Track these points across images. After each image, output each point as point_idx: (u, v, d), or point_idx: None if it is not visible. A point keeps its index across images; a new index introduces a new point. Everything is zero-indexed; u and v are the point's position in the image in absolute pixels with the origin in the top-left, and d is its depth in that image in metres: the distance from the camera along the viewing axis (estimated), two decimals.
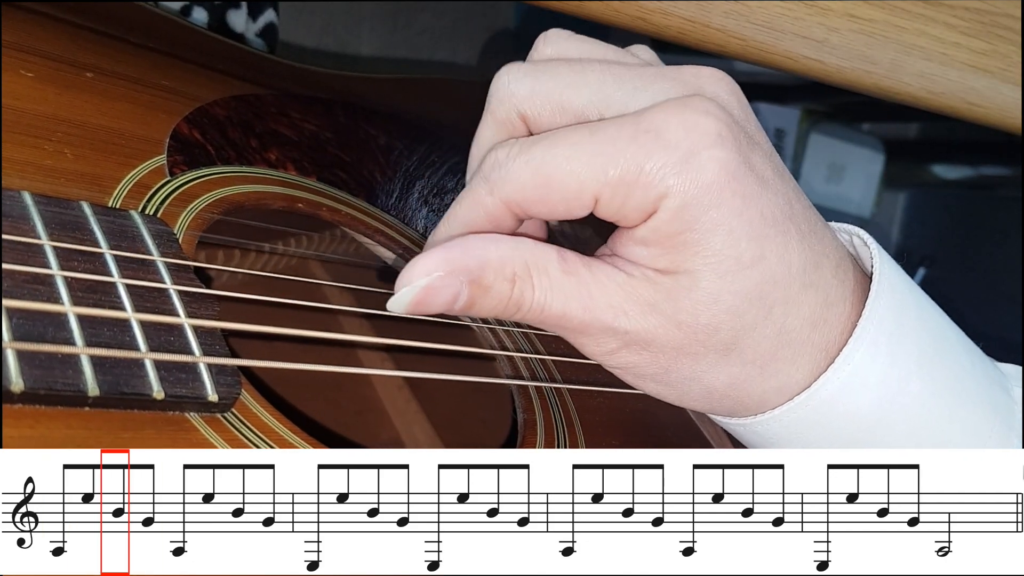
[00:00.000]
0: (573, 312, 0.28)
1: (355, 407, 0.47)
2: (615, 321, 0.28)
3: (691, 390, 0.30)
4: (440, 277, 0.27)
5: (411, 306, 0.28)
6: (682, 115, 0.27)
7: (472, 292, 0.28)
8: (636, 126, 0.27)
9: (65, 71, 0.35)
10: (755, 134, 0.29)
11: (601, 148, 0.27)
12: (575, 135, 0.28)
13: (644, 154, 0.27)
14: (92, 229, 0.29)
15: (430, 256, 0.27)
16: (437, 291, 0.27)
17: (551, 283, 0.28)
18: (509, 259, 0.28)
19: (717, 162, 0.27)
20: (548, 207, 0.28)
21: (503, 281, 0.28)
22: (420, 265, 0.27)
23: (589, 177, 0.27)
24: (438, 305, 0.28)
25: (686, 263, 0.28)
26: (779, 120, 0.97)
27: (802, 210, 0.30)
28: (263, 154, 0.40)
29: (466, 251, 0.28)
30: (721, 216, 0.27)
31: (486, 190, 0.29)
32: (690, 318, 0.28)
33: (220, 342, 0.29)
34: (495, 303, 0.28)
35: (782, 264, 0.28)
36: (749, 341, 0.29)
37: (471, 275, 0.27)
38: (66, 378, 0.25)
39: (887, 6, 0.46)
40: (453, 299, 0.28)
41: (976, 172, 1.03)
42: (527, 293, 0.28)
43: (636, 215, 0.28)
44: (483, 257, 0.28)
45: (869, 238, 0.32)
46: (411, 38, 0.86)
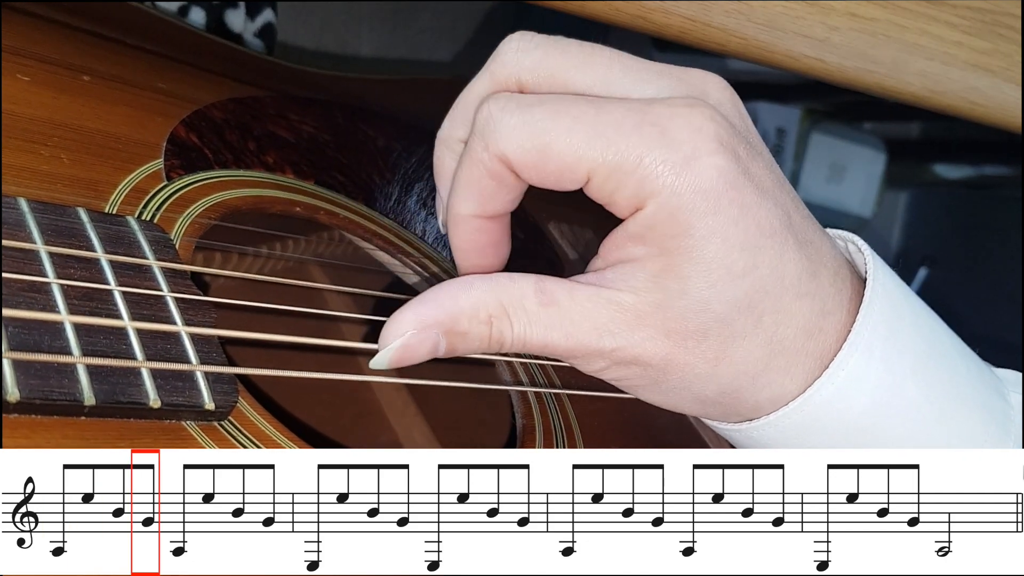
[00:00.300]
0: (556, 341, 0.29)
1: (354, 411, 0.47)
2: (600, 342, 0.28)
3: (683, 397, 0.30)
4: (414, 335, 0.28)
5: (392, 364, 0.29)
6: (689, 116, 0.27)
7: (450, 340, 0.28)
8: (643, 115, 0.27)
9: (61, 74, 0.35)
10: (756, 144, 0.29)
11: (604, 130, 0.27)
12: (580, 108, 0.28)
13: (646, 146, 0.27)
14: (88, 235, 0.29)
15: (403, 314, 0.28)
16: (414, 348, 0.28)
17: (528, 318, 0.29)
18: (482, 303, 0.28)
19: (717, 169, 0.27)
20: (540, 174, 0.28)
21: (479, 324, 0.28)
22: (394, 327, 0.28)
23: (587, 155, 0.27)
24: (419, 358, 0.28)
25: (678, 268, 0.28)
26: (780, 120, 0.97)
27: (800, 220, 0.29)
28: (261, 157, 0.40)
29: (438, 304, 0.28)
30: (717, 224, 0.27)
31: (482, 146, 0.28)
32: (679, 325, 0.28)
33: (217, 350, 0.29)
34: (476, 344, 0.29)
35: (775, 275, 0.28)
36: (739, 350, 0.29)
37: (444, 327, 0.28)
38: (62, 387, 0.25)
39: (889, 5, 0.46)
40: (432, 350, 0.28)
41: (978, 172, 1.03)
42: (506, 331, 0.29)
43: (626, 204, 0.28)
44: (454, 307, 0.28)
45: (863, 244, 0.32)
46: (411, 38, 0.86)
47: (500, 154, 0.28)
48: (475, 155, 0.29)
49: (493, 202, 0.30)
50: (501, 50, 0.30)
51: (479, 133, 0.29)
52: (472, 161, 0.29)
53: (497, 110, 0.28)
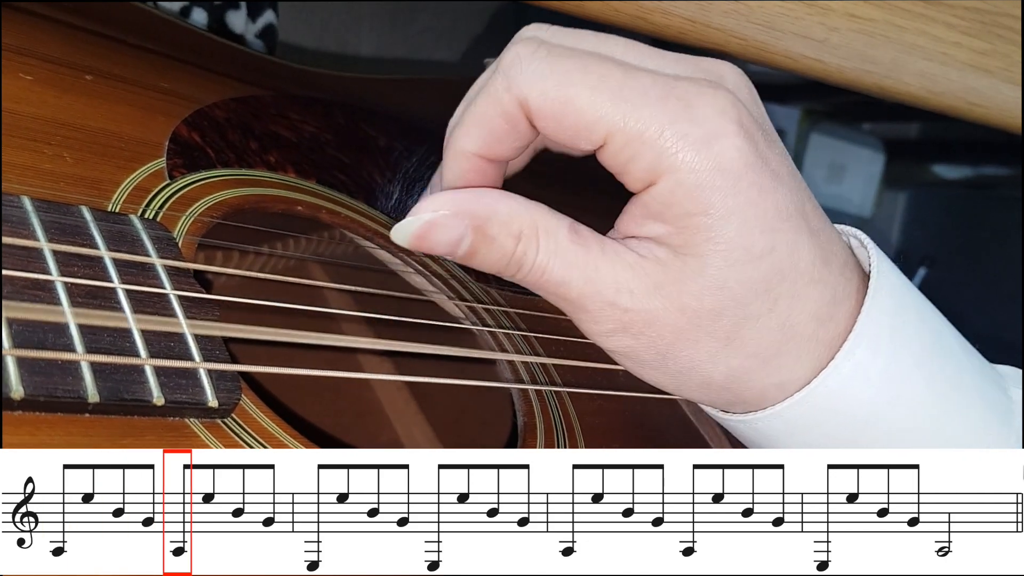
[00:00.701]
0: (574, 281, 0.28)
1: (355, 409, 0.47)
2: (617, 297, 0.28)
3: (689, 379, 0.30)
4: (446, 215, 0.27)
5: (413, 238, 0.28)
6: (714, 95, 0.27)
7: (475, 239, 0.28)
8: (670, 88, 0.27)
9: (64, 74, 0.35)
10: (770, 133, 0.30)
11: (631, 95, 0.27)
12: (609, 68, 0.27)
13: (669, 118, 0.27)
14: (92, 234, 0.29)
15: (441, 195, 0.28)
16: (440, 228, 0.27)
17: (557, 248, 0.28)
18: (518, 215, 0.28)
19: (737, 151, 0.27)
20: (557, 126, 0.28)
21: (507, 236, 0.28)
22: (429, 201, 0.27)
23: (609, 117, 0.27)
24: (440, 243, 0.28)
25: (697, 246, 0.28)
26: (779, 120, 0.97)
27: (813, 209, 0.30)
28: (263, 156, 0.40)
29: (477, 198, 0.28)
30: (737, 204, 0.27)
31: (504, 85, 0.28)
32: (694, 302, 0.28)
33: (220, 347, 0.29)
34: (497, 257, 0.28)
35: (791, 258, 0.28)
36: (751, 332, 0.29)
37: (476, 220, 0.28)
38: (66, 385, 0.25)
39: (887, 6, 0.46)
40: (456, 241, 0.28)
41: (976, 172, 1.03)
42: (530, 253, 0.28)
43: (639, 175, 0.28)
44: (492, 206, 0.28)
45: (867, 239, 0.32)
46: (411, 38, 0.86)
47: (521, 96, 0.28)
48: (494, 92, 0.28)
49: (499, 145, 0.29)
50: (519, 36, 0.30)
51: (503, 72, 0.28)
52: (489, 98, 0.29)
53: (527, 53, 0.28)
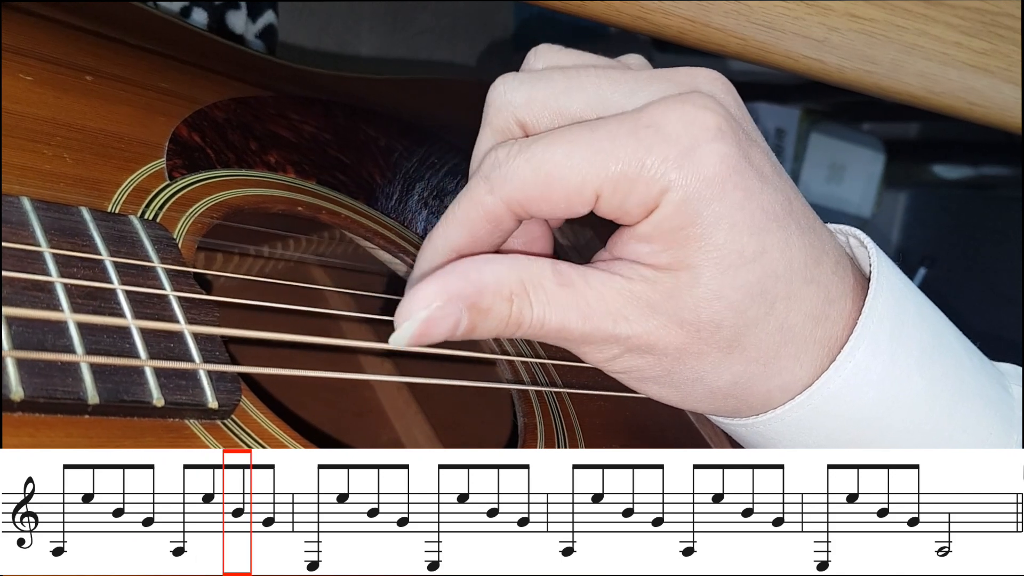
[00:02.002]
0: (572, 324, 0.28)
1: (355, 409, 0.47)
2: (615, 328, 0.28)
3: (695, 391, 0.30)
4: (439, 308, 0.27)
5: (413, 340, 0.27)
6: (681, 109, 0.27)
7: (472, 317, 0.27)
8: (636, 122, 0.27)
9: (64, 74, 0.35)
10: (752, 132, 0.29)
11: (601, 145, 0.27)
12: (574, 132, 0.28)
13: (644, 149, 0.27)
14: (92, 235, 0.29)
15: (427, 286, 0.27)
16: (438, 322, 0.27)
17: (548, 298, 0.28)
18: (505, 279, 0.28)
19: (718, 155, 0.27)
20: (549, 205, 0.28)
21: (501, 301, 0.28)
22: (418, 296, 0.27)
23: (590, 173, 0.27)
24: (440, 334, 0.27)
25: (688, 258, 0.28)
26: (779, 120, 0.97)
27: (801, 207, 0.30)
28: (263, 157, 0.40)
29: (463, 276, 0.27)
30: (723, 209, 0.27)
31: (486, 189, 0.29)
32: (692, 316, 0.28)
33: (220, 348, 0.29)
34: (495, 324, 0.28)
35: (784, 259, 0.28)
36: (752, 338, 0.29)
37: (469, 300, 0.27)
38: (66, 386, 0.25)
39: (888, 6, 0.46)
40: (454, 326, 0.27)
41: (977, 172, 1.03)
42: (525, 311, 0.28)
43: (638, 211, 0.28)
44: (480, 281, 0.27)
45: (866, 238, 0.32)
46: (410, 38, 0.86)
47: (506, 197, 0.28)
48: (477, 197, 0.29)
49: (480, 244, 0.30)
50: (490, 98, 0.30)
51: (484, 177, 0.29)
52: (472, 202, 0.29)
53: (504, 155, 0.28)
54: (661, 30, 0.45)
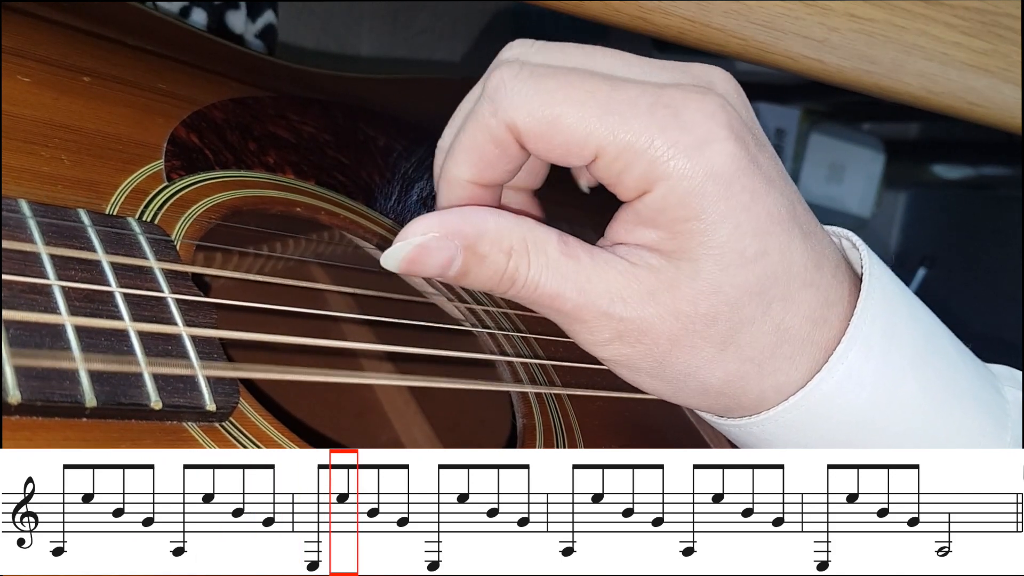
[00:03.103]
0: (568, 293, 0.28)
1: (354, 409, 0.47)
2: (611, 307, 0.28)
3: (687, 386, 0.30)
4: (436, 238, 0.27)
5: (404, 263, 0.28)
6: (701, 101, 0.27)
7: (467, 259, 0.28)
8: (656, 97, 0.27)
9: (62, 75, 0.35)
10: (760, 136, 0.30)
11: (618, 107, 0.27)
12: (594, 82, 0.27)
13: (658, 127, 0.27)
14: (89, 237, 0.29)
15: (428, 217, 0.27)
16: (431, 251, 0.27)
17: (548, 261, 0.28)
18: (507, 232, 0.28)
19: (728, 155, 0.27)
20: (547, 146, 0.28)
21: (499, 253, 0.28)
22: (417, 224, 0.27)
23: (598, 132, 0.27)
24: (431, 266, 0.27)
25: (691, 251, 0.28)
26: (779, 120, 0.97)
27: (804, 212, 0.30)
28: (261, 157, 0.40)
29: (465, 217, 0.28)
30: (729, 209, 0.27)
31: (490, 111, 0.28)
32: (689, 307, 0.28)
33: (218, 351, 0.29)
34: (489, 274, 0.28)
35: (784, 262, 0.28)
36: (747, 336, 0.29)
37: (467, 240, 0.27)
38: (64, 389, 0.25)
39: (887, 6, 0.46)
40: (447, 263, 0.27)
41: (977, 172, 1.03)
42: (522, 268, 0.28)
43: (632, 186, 0.28)
44: (481, 225, 0.28)
45: (859, 240, 0.32)
46: (411, 38, 0.86)
47: (509, 121, 0.28)
48: (482, 119, 0.28)
49: (492, 170, 0.29)
50: (502, 56, 0.30)
51: (489, 97, 0.28)
52: (477, 125, 0.29)
53: (510, 76, 0.28)
54: (661, 30, 0.45)
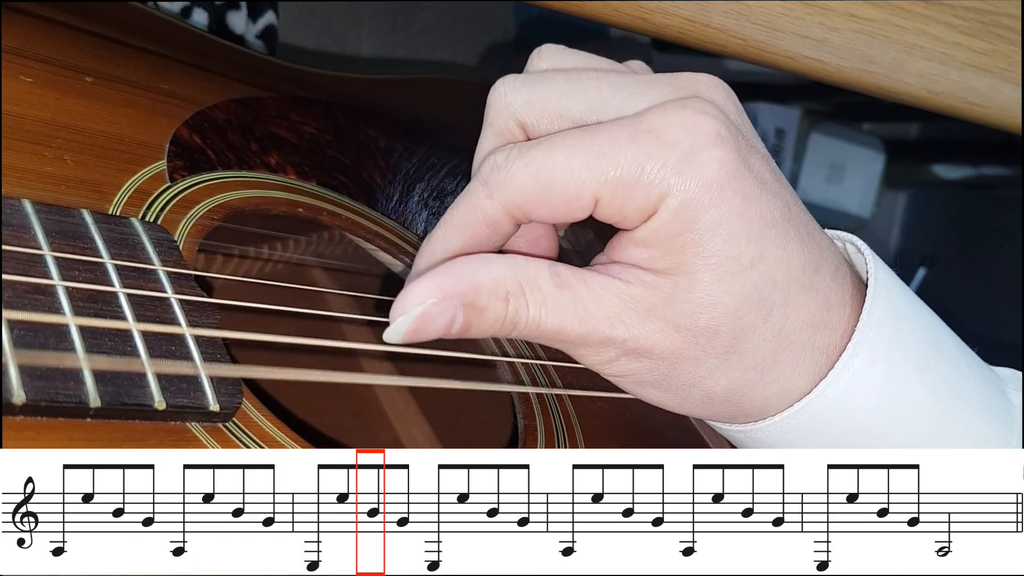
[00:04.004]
0: (569, 325, 0.28)
1: (355, 409, 0.47)
2: (612, 331, 0.28)
3: (691, 396, 0.30)
4: (434, 304, 0.27)
5: (408, 335, 0.28)
6: (681, 115, 0.27)
7: (467, 315, 0.28)
8: (636, 126, 0.27)
9: (65, 76, 0.35)
10: (752, 138, 0.29)
11: (601, 149, 0.27)
12: (574, 137, 0.28)
13: (644, 154, 0.27)
14: (93, 238, 0.29)
15: (422, 283, 0.27)
16: (432, 318, 0.27)
17: (544, 299, 0.28)
18: (502, 278, 0.28)
19: (717, 161, 0.27)
20: (548, 209, 0.28)
21: (497, 301, 0.28)
22: (413, 293, 0.27)
23: (589, 178, 0.27)
24: (435, 331, 0.27)
25: (685, 264, 0.28)
26: (779, 120, 0.97)
27: (800, 213, 0.30)
28: (263, 158, 0.40)
29: (458, 275, 0.28)
30: (721, 215, 0.27)
31: (485, 194, 0.29)
32: (688, 321, 0.28)
33: (221, 351, 0.29)
34: (491, 323, 0.28)
35: (781, 266, 0.28)
36: (749, 344, 0.29)
37: (465, 299, 0.27)
38: (67, 389, 0.25)
39: (887, 6, 0.46)
40: (449, 324, 0.27)
41: (977, 172, 1.03)
42: (522, 311, 0.28)
43: (637, 216, 0.28)
44: (475, 280, 0.28)
45: (863, 244, 0.32)
46: (410, 38, 0.86)
47: (506, 201, 0.28)
48: (476, 201, 0.29)
49: (479, 247, 0.30)
50: (491, 99, 0.30)
51: (483, 181, 0.29)
52: (471, 207, 0.29)
53: (502, 159, 0.28)
54: (661, 30, 0.45)
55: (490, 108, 0.30)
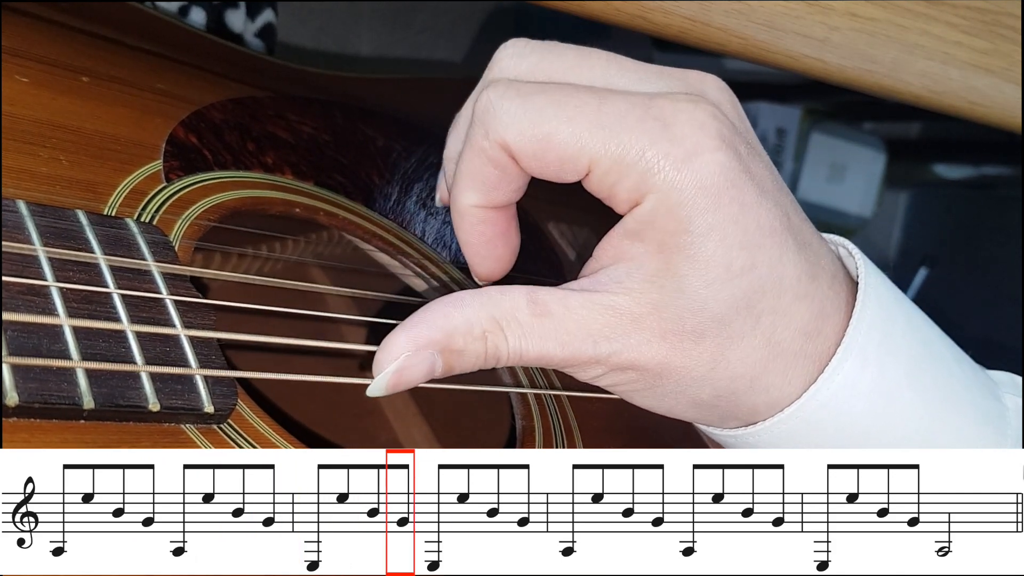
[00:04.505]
0: (552, 352, 0.28)
1: (353, 411, 0.47)
2: (595, 349, 0.28)
3: (678, 402, 0.30)
4: (408, 357, 0.27)
5: (389, 389, 0.28)
6: (692, 111, 0.27)
7: (446, 359, 0.28)
8: (646, 109, 0.27)
9: (60, 75, 0.35)
10: (754, 145, 0.29)
11: (607, 121, 0.27)
12: (583, 97, 0.27)
13: (648, 140, 0.27)
14: (87, 238, 0.29)
15: (396, 338, 0.28)
16: (410, 369, 0.27)
17: (523, 330, 0.28)
18: (475, 318, 0.28)
19: (719, 166, 0.27)
20: (540, 164, 0.28)
21: (474, 341, 0.28)
22: (388, 349, 0.28)
23: (589, 146, 0.27)
24: (416, 380, 0.28)
25: (675, 266, 0.28)
26: (780, 120, 0.97)
27: (799, 222, 0.29)
28: (260, 158, 0.40)
29: (431, 323, 0.28)
30: (716, 221, 0.27)
31: (482, 133, 0.28)
32: (675, 327, 0.28)
33: (216, 352, 0.29)
34: (473, 361, 0.28)
35: (773, 274, 0.28)
36: (737, 353, 0.29)
37: (439, 345, 0.28)
38: (61, 391, 0.25)
39: (889, 5, 0.46)
40: (429, 371, 0.28)
41: (978, 171, 1.03)
42: (501, 345, 0.28)
43: (625, 198, 0.28)
44: (447, 325, 0.28)
45: (854, 248, 0.31)
46: (410, 38, 0.86)
47: (501, 141, 0.28)
48: (476, 143, 0.28)
49: (497, 192, 0.29)
50: (497, 58, 0.30)
51: (479, 120, 0.28)
52: (474, 150, 0.29)
53: (496, 97, 0.28)
54: (661, 29, 0.45)
55: (494, 65, 0.30)
